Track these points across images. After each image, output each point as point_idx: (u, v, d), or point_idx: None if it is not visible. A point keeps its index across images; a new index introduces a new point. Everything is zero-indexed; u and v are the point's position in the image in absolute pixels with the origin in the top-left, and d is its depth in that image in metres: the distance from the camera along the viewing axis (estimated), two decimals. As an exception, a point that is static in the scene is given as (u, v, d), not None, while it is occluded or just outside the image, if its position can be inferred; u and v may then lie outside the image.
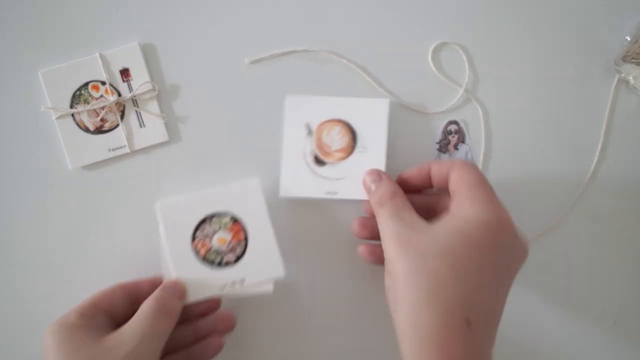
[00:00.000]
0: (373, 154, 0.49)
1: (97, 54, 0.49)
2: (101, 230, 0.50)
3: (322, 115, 0.50)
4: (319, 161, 0.50)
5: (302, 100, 0.50)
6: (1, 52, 0.49)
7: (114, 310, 0.43)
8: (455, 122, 0.52)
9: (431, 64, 0.51)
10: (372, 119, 0.49)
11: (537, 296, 0.52)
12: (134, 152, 0.50)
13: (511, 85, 0.52)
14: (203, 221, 0.45)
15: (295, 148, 0.50)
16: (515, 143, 0.52)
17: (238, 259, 0.45)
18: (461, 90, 0.51)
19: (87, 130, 0.49)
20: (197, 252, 0.45)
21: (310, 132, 0.50)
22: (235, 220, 0.46)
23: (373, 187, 0.45)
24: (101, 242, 0.50)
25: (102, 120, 0.49)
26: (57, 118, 0.49)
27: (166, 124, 0.50)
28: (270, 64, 0.51)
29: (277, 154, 0.51)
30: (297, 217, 0.51)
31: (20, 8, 0.49)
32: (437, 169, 0.43)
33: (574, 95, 0.52)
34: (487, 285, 0.37)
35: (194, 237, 0.45)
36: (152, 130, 0.50)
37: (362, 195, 0.48)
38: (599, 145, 0.52)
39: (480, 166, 0.52)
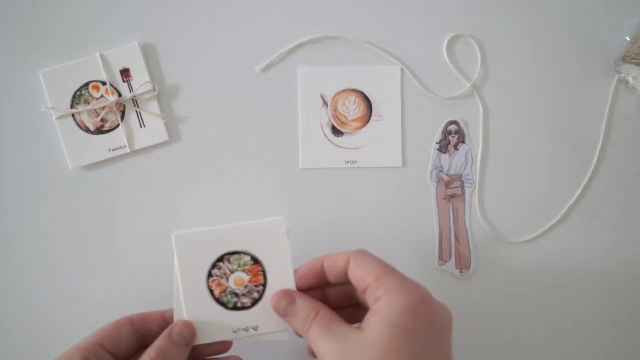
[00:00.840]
0: (389, 121, 0.50)
1: (97, 54, 0.49)
2: (101, 230, 0.50)
3: (335, 85, 0.51)
4: (336, 131, 0.51)
5: (315, 71, 0.50)
6: (1, 52, 0.49)
7: (119, 351, 0.41)
8: (455, 122, 0.52)
9: (445, 54, 0.51)
10: (385, 87, 0.50)
11: (537, 296, 0.52)
12: (134, 152, 0.50)
13: (511, 85, 0.52)
14: (221, 259, 0.42)
15: (311, 120, 0.50)
16: (515, 142, 0.52)
17: (254, 303, 0.42)
18: (468, 85, 0.51)
19: (87, 130, 0.49)
20: (211, 291, 0.42)
21: (325, 103, 0.50)
22: (255, 262, 0.42)
23: (289, 310, 0.40)
24: (101, 241, 0.50)
25: (102, 120, 0.49)
26: (58, 118, 0.49)
27: (166, 124, 0.50)
28: (271, 62, 0.51)
29: (277, 152, 0.51)
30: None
31: (20, 8, 0.49)
32: (330, 264, 0.40)
33: (574, 95, 0.52)
34: None
35: (209, 275, 0.42)
36: (152, 130, 0.50)
37: (383, 162, 0.50)
38: (599, 145, 0.52)
39: (478, 165, 0.52)
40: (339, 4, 0.51)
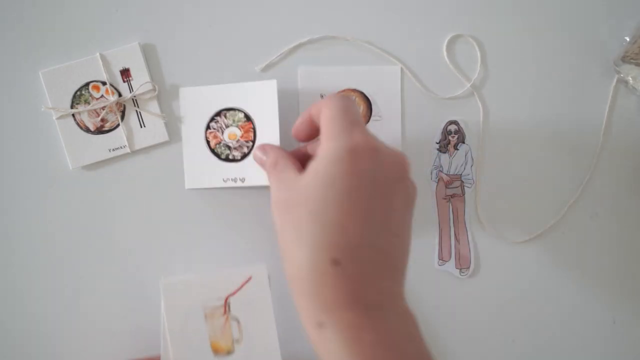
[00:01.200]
0: (388, 121, 0.51)
1: (98, 54, 0.49)
2: (101, 230, 0.50)
3: (335, 85, 0.51)
4: None
5: (315, 71, 0.51)
6: (1, 52, 0.49)
7: None
8: (455, 122, 0.52)
9: (445, 54, 0.51)
10: (385, 87, 0.51)
11: (537, 296, 0.52)
12: (134, 152, 0.50)
13: (511, 85, 0.52)
14: (218, 114, 0.48)
15: None
16: (514, 142, 0.52)
17: (243, 157, 0.47)
18: (468, 85, 0.51)
19: (87, 130, 0.49)
20: (208, 143, 0.48)
21: None
22: (247, 119, 0.47)
23: (264, 160, 0.44)
24: (101, 241, 0.50)
25: (102, 120, 0.49)
26: (58, 118, 0.49)
27: (166, 124, 0.50)
28: (271, 62, 0.51)
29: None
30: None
31: (20, 8, 0.49)
32: (315, 113, 0.40)
33: (574, 95, 0.52)
34: (352, 220, 0.34)
35: (207, 127, 0.48)
36: (152, 130, 0.50)
37: None
38: (599, 145, 0.52)
39: (478, 165, 0.52)
40: (339, 4, 0.51)
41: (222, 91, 0.48)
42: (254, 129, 0.47)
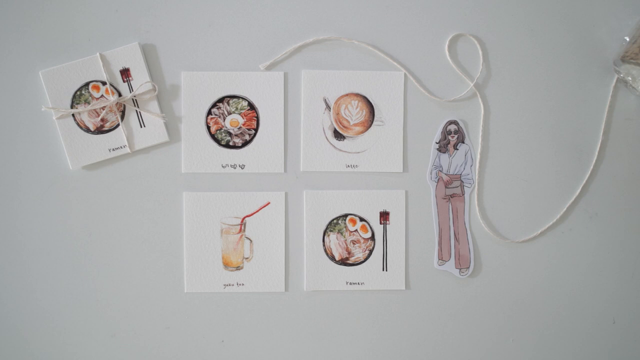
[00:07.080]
0: (391, 127, 0.51)
1: (97, 54, 0.49)
2: (101, 229, 0.50)
3: (339, 89, 0.51)
4: (338, 135, 0.51)
5: (318, 74, 0.51)
6: (1, 52, 0.49)
7: None
8: (454, 122, 0.52)
9: (447, 53, 0.51)
10: (389, 92, 0.51)
11: (537, 296, 0.52)
12: (134, 152, 0.50)
13: (511, 85, 0.52)
14: (221, 100, 0.48)
15: (313, 123, 0.51)
16: (514, 142, 0.52)
17: (244, 144, 0.48)
18: (471, 85, 0.51)
19: (87, 130, 0.49)
20: (208, 128, 0.48)
21: (328, 107, 0.50)
22: (251, 107, 0.48)
23: None
24: (101, 241, 0.50)
25: (102, 120, 0.49)
26: (58, 118, 0.49)
27: (166, 124, 0.50)
28: (277, 61, 0.51)
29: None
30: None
31: (20, 8, 0.49)
32: None
33: (574, 95, 0.52)
34: None
35: (209, 113, 0.48)
36: (152, 130, 0.50)
37: (384, 167, 0.50)
38: (598, 145, 0.52)
39: (477, 164, 0.52)
40: (342, 6, 0.51)
41: (225, 78, 0.49)
42: (257, 117, 0.48)
